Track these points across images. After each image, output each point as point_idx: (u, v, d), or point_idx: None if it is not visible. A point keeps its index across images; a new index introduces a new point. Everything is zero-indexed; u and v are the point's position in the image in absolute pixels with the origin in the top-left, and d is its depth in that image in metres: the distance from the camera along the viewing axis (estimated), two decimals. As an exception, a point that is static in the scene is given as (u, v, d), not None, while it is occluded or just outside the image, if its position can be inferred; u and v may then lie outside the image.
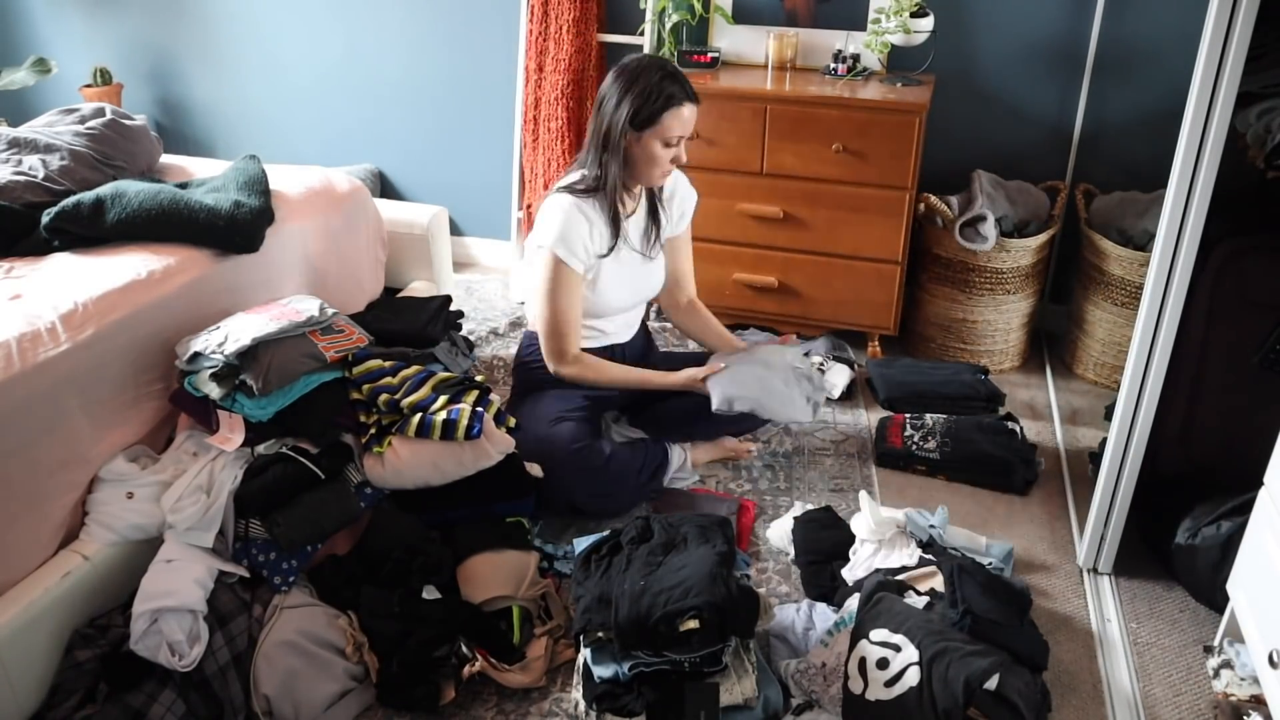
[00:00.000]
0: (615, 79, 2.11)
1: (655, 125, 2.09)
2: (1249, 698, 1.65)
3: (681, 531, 1.84)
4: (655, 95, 2.07)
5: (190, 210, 2.10)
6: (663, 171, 2.18)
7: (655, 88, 2.07)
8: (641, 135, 2.10)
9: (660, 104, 2.07)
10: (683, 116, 2.11)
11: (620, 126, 2.09)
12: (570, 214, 2.14)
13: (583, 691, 1.69)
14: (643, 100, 2.07)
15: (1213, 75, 1.61)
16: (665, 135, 2.10)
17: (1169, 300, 1.77)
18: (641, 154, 2.13)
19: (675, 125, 2.10)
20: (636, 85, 2.08)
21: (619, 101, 2.09)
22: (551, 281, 2.16)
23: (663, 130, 2.09)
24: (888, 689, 1.57)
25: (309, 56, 3.59)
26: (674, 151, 2.15)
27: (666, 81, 2.08)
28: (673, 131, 2.10)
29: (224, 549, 1.80)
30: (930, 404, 2.60)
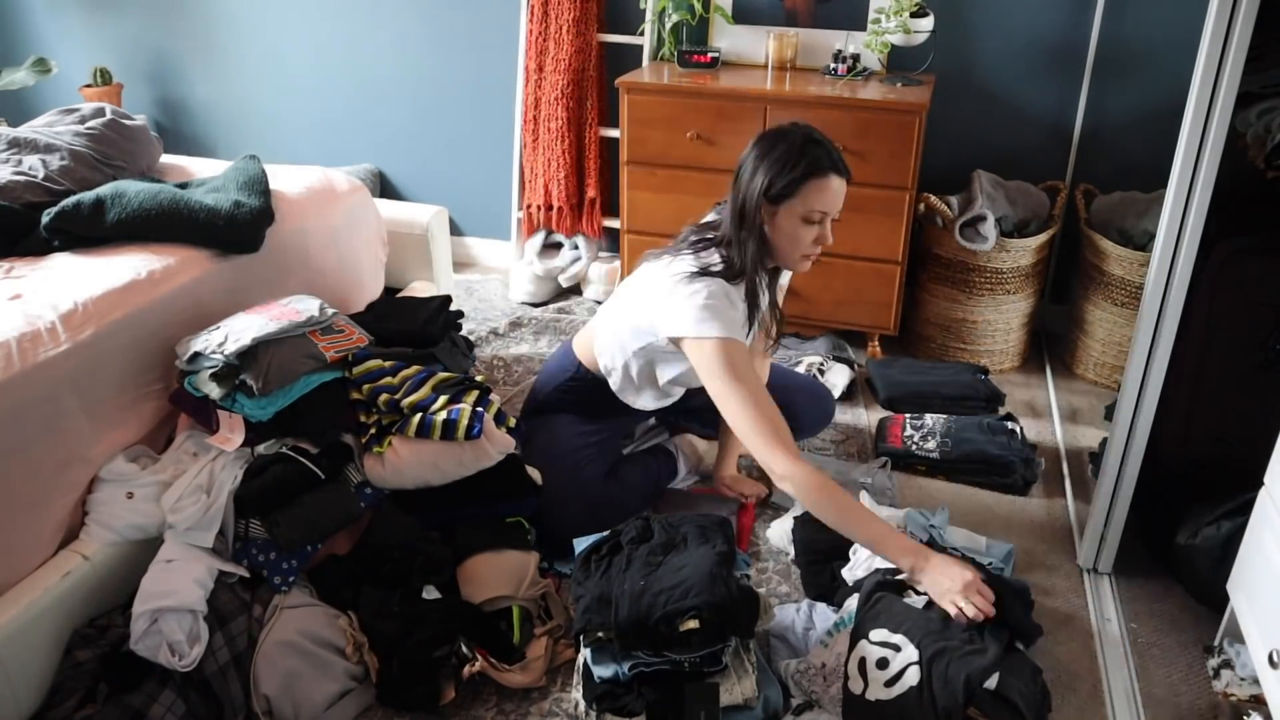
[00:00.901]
0: (754, 146, 1.89)
1: (793, 197, 1.83)
2: (1249, 698, 1.65)
3: (681, 531, 1.84)
4: (795, 163, 1.82)
5: (190, 210, 2.10)
6: (803, 254, 1.91)
7: (796, 154, 1.83)
8: (778, 209, 1.86)
9: (800, 172, 1.82)
10: (828, 189, 1.84)
11: (755, 199, 1.85)
12: (725, 299, 1.87)
13: (583, 691, 1.68)
14: (779, 168, 1.83)
15: (1213, 75, 1.61)
16: (805, 210, 1.84)
17: (1169, 300, 1.77)
18: (778, 231, 1.88)
19: (816, 198, 1.84)
20: (774, 151, 1.84)
21: (754, 170, 1.86)
22: (736, 368, 1.81)
23: (802, 203, 1.84)
24: (888, 689, 1.57)
25: (309, 56, 3.59)
26: (816, 231, 1.88)
27: (810, 147, 1.83)
28: (813, 205, 1.84)
29: (224, 549, 1.80)
30: (930, 404, 2.60)
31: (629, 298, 2.05)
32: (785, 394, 2.26)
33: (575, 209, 3.31)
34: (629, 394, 2.14)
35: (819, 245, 1.91)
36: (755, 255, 1.89)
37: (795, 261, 1.94)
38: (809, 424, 2.41)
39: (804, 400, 2.38)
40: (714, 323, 1.82)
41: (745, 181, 1.87)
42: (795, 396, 2.31)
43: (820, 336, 2.99)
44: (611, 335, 2.08)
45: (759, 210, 1.87)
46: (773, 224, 1.88)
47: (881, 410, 2.67)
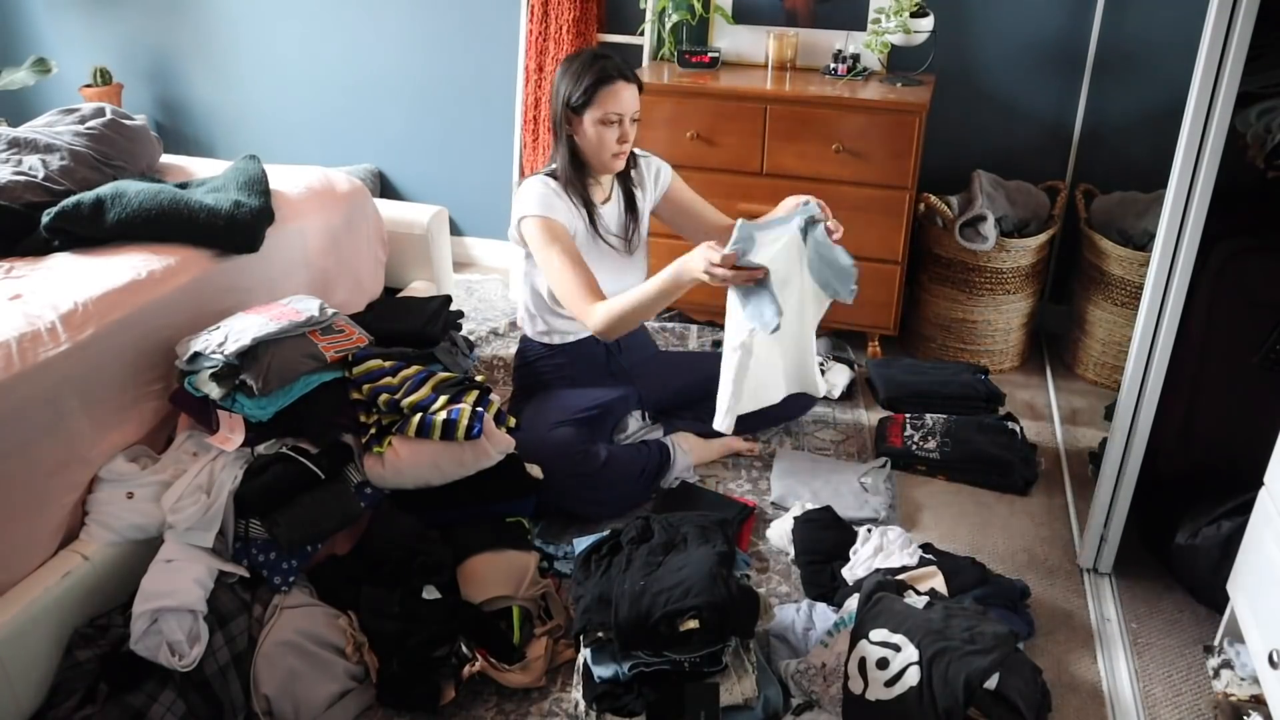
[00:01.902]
0: (558, 70, 2.17)
1: (590, 105, 2.09)
2: (1249, 698, 1.65)
3: (681, 531, 1.84)
4: (586, 73, 2.09)
5: (190, 210, 2.10)
6: (611, 153, 2.16)
7: (586, 66, 2.10)
8: (581, 117, 2.12)
9: (590, 80, 2.08)
10: (618, 95, 2.10)
11: (560, 111, 2.13)
12: (545, 189, 2.17)
13: (583, 691, 1.68)
14: (574, 80, 2.10)
15: (1213, 75, 1.61)
16: (603, 114, 2.10)
17: (1169, 300, 1.77)
18: (585, 138, 2.14)
19: (610, 102, 2.09)
20: (570, 68, 2.12)
21: (556, 87, 2.15)
22: (547, 240, 2.12)
23: (598, 109, 2.09)
24: (888, 689, 1.57)
25: (309, 56, 3.59)
26: (617, 131, 2.13)
27: (598, 59, 2.10)
28: (609, 108, 2.09)
29: (224, 549, 1.80)
30: (930, 404, 2.60)
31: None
32: None
33: (575, 209, 3.31)
34: (539, 331, 2.37)
35: (623, 144, 2.16)
36: (569, 158, 2.18)
37: (605, 162, 2.18)
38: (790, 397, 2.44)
39: None
40: (531, 204, 2.14)
41: (552, 100, 2.16)
42: None
43: (820, 336, 2.98)
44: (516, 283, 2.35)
45: (566, 122, 2.14)
46: (579, 132, 2.15)
47: (881, 410, 2.67)
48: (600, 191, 2.29)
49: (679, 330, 3.15)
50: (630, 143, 2.18)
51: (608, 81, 2.09)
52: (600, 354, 2.39)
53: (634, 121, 2.16)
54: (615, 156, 2.17)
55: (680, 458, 2.35)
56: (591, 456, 2.15)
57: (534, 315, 2.37)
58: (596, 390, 2.35)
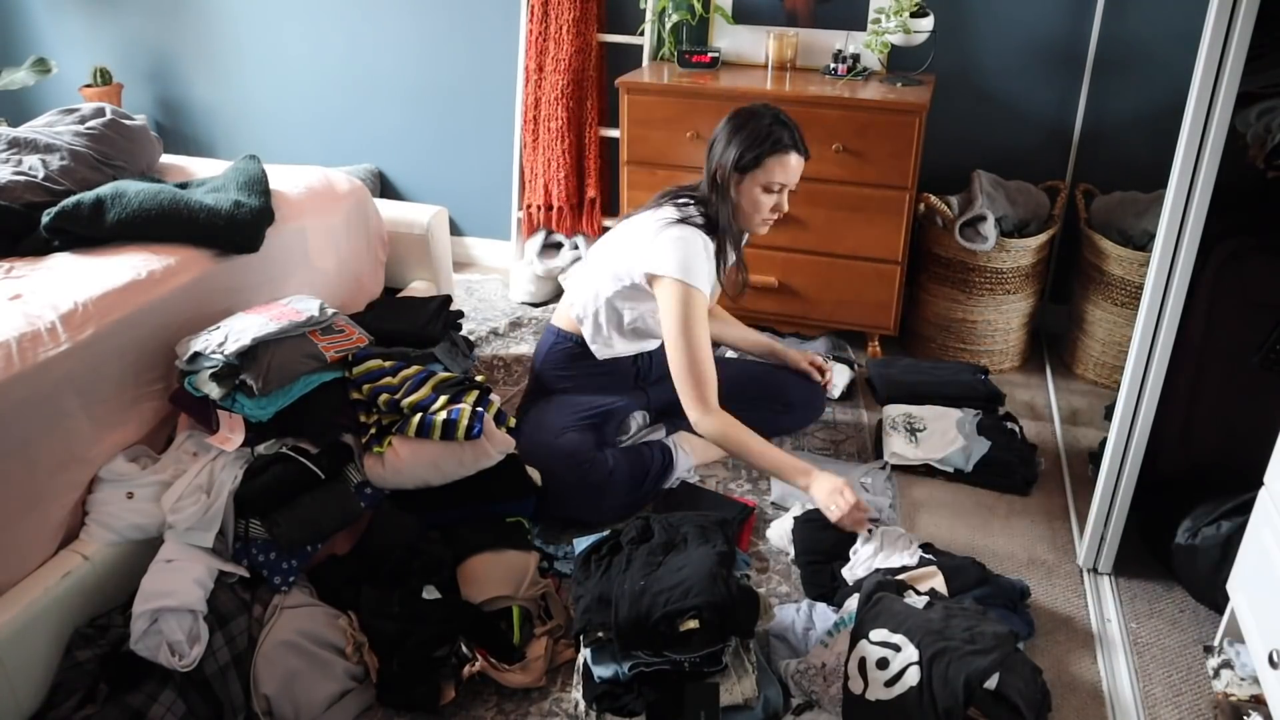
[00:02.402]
0: (727, 122, 2.14)
1: (758, 169, 2.09)
2: (1249, 698, 1.65)
3: (681, 531, 1.84)
4: (762, 139, 2.08)
5: (190, 210, 2.10)
6: (763, 219, 2.18)
7: (764, 132, 2.08)
8: (744, 178, 2.11)
9: (768, 148, 2.08)
10: (788, 164, 2.11)
11: (728, 168, 2.11)
12: (698, 248, 2.11)
13: (583, 691, 1.68)
14: (749, 143, 2.08)
15: (1213, 75, 1.61)
16: (767, 180, 2.11)
17: (1169, 300, 1.77)
18: (743, 198, 2.14)
19: (778, 171, 2.10)
20: (746, 128, 2.10)
21: (727, 143, 2.12)
22: (692, 317, 2.07)
23: (765, 175, 2.10)
24: (888, 689, 1.57)
25: (309, 56, 3.59)
26: (775, 199, 2.14)
27: (776, 127, 2.09)
28: (774, 177, 2.10)
29: (224, 549, 1.80)
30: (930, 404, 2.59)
31: (607, 249, 2.26)
32: (778, 378, 2.48)
33: (575, 209, 3.31)
34: (599, 342, 2.31)
35: (776, 213, 2.19)
36: (729, 215, 2.16)
37: (756, 225, 2.20)
38: (801, 404, 2.50)
39: (794, 385, 2.50)
40: (690, 270, 2.08)
41: (720, 151, 2.14)
42: (785, 378, 2.51)
43: (820, 336, 2.99)
44: (588, 286, 2.27)
45: (730, 178, 2.12)
46: (739, 190, 2.14)
47: (881, 410, 2.67)
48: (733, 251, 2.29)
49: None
50: (783, 212, 2.20)
51: (783, 151, 2.09)
52: (631, 375, 2.40)
53: (791, 192, 2.18)
54: (764, 223, 2.20)
55: (681, 458, 2.35)
56: (598, 465, 2.14)
57: (604, 331, 2.28)
58: (607, 395, 2.34)
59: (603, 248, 2.28)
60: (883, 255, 2.81)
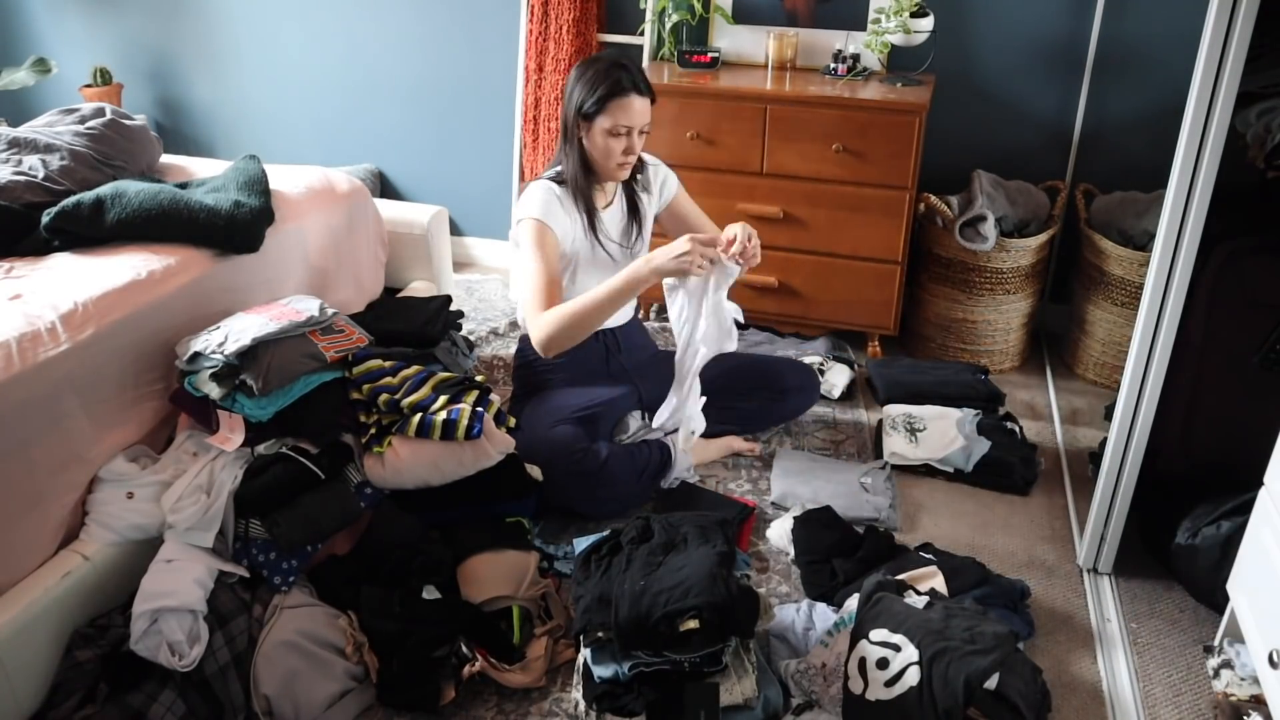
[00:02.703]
0: (571, 72, 2.18)
1: (601, 114, 2.10)
2: (1249, 698, 1.65)
3: (681, 531, 1.84)
4: (600, 83, 2.09)
5: (190, 210, 2.10)
6: (617, 163, 2.17)
7: (602, 75, 2.10)
8: (591, 125, 2.13)
9: (605, 91, 2.09)
10: (630, 107, 2.10)
11: (572, 117, 2.14)
12: (548, 194, 2.18)
13: (583, 691, 1.69)
14: (589, 89, 2.10)
15: (1213, 75, 1.61)
16: (613, 124, 2.11)
17: (1169, 300, 1.77)
18: (593, 145, 2.15)
19: (621, 115, 2.10)
20: (585, 74, 2.12)
21: (570, 91, 2.15)
22: (534, 245, 2.13)
23: (609, 119, 2.10)
24: (888, 689, 1.57)
25: (309, 56, 3.59)
26: (624, 142, 2.14)
27: (614, 70, 2.10)
28: (618, 120, 2.10)
29: (224, 549, 1.80)
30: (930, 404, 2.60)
31: None
32: (770, 364, 2.51)
33: (575, 209, 3.31)
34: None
35: (629, 155, 2.17)
36: (579, 163, 2.19)
37: (610, 170, 2.20)
38: (796, 388, 2.49)
39: (787, 370, 2.52)
40: (533, 207, 2.15)
41: (565, 103, 2.17)
42: (779, 365, 2.53)
43: (820, 336, 2.99)
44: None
45: (576, 126, 2.15)
46: (589, 138, 2.16)
47: (881, 410, 2.67)
48: (603, 196, 2.30)
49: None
50: (636, 154, 2.19)
51: (621, 94, 2.09)
52: (600, 354, 2.39)
53: (643, 134, 2.17)
54: (620, 166, 2.19)
55: (680, 457, 2.35)
56: (591, 455, 2.14)
57: None
58: (596, 389, 2.35)
59: None
60: (883, 255, 2.81)
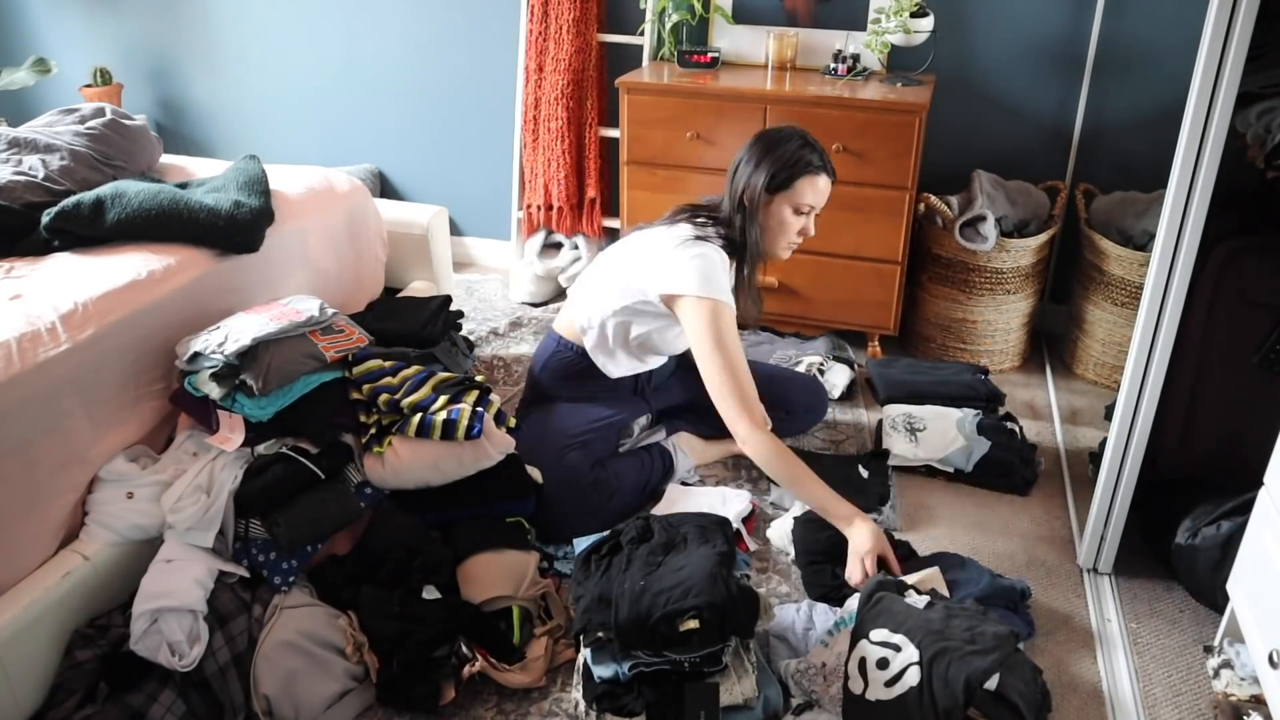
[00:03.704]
0: (754, 143, 2.13)
1: (789, 190, 2.08)
2: (1249, 698, 1.65)
3: (681, 531, 1.84)
4: (793, 160, 2.07)
5: (190, 210, 2.10)
6: (788, 242, 2.16)
7: (794, 154, 2.08)
8: (774, 199, 2.09)
9: (798, 169, 2.07)
10: (817, 185, 2.10)
11: (757, 190, 2.08)
12: (718, 264, 2.07)
13: (583, 691, 1.69)
14: (780, 164, 2.07)
15: (1213, 75, 1.61)
16: (797, 201, 2.09)
17: (1169, 300, 1.77)
18: (771, 219, 2.12)
19: (808, 192, 2.09)
20: (777, 149, 2.09)
21: (757, 164, 2.09)
22: (724, 331, 2.01)
23: (795, 195, 2.09)
24: (888, 689, 1.57)
25: (309, 57, 3.59)
26: (803, 222, 2.14)
27: (806, 150, 2.09)
28: (804, 198, 2.09)
29: (224, 549, 1.80)
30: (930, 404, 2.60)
31: (616, 262, 2.19)
32: (779, 384, 2.44)
33: (575, 209, 3.31)
34: (601, 356, 2.24)
35: (802, 236, 2.17)
36: (757, 239, 2.13)
37: (782, 248, 2.17)
38: (803, 409, 2.47)
39: (796, 388, 2.48)
40: (715, 286, 2.03)
41: (748, 173, 2.10)
42: (788, 386, 2.48)
43: (820, 336, 2.99)
44: (594, 297, 2.20)
45: (759, 199, 2.09)
46: (766, 212, 2.11)
47: (881, 410, 2.67)
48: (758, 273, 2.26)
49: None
50: (809, 236, 2.18)
51: (815, 172, 2.09)
52: (630, 386, 2.33)
53: (817, 215, 2.16)
54: (789, 246, 2.17)
55: (681, 460, 2.35)
56: (600, 489, 2.13)
57: (609, 344, 2.21)
58: (608, 407, 2.29)
59: (611, 259, 2.21)
60: (883, 255, 2.81)
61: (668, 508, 2.15)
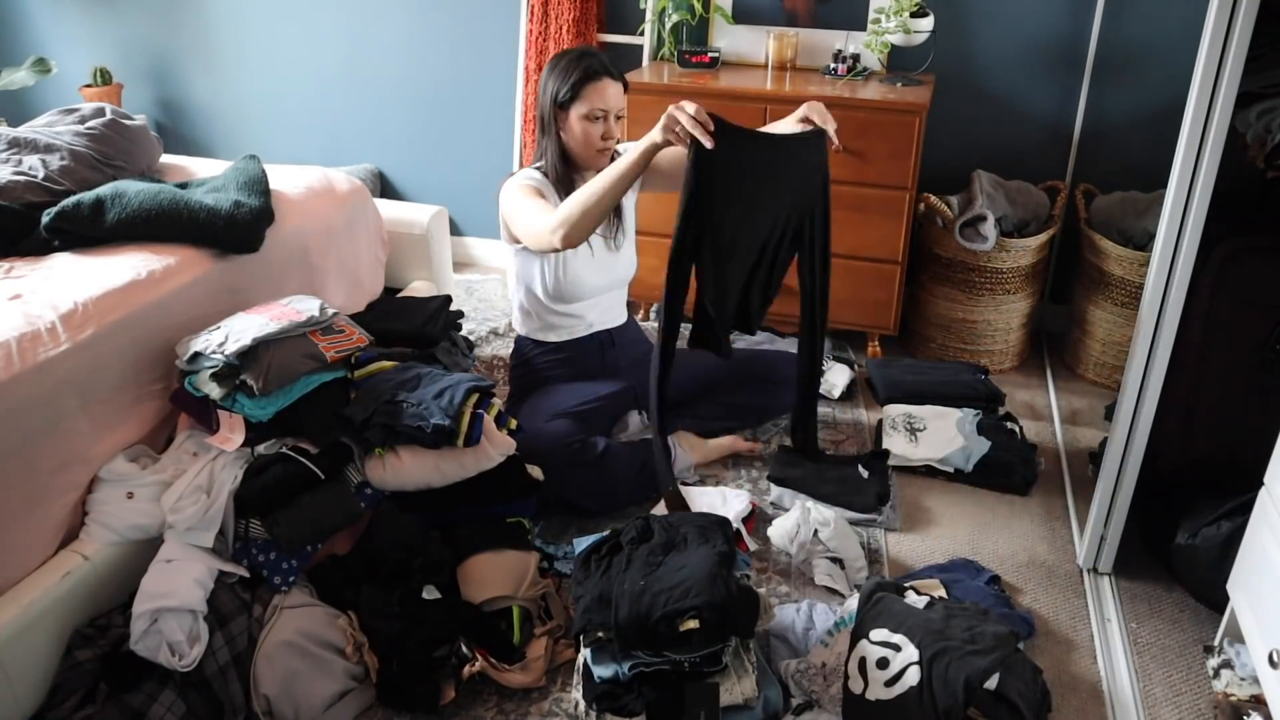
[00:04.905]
0: (546, 67, 2.22)
1: (576, 100, 2.14)
2: (1249, 698, 1.65)
3: (681, 531, 1.84)
4: (573, 70, 2.14)
5: (190, 210, 2.10)
6: (597, 149, 2.20)
7: (574, 63, 2.15)
8: (568, 113, 2.16)
9: (578, 76, 2.13)
10: (604, 91, 2.14)
11: (548, 107, 2.18)
12: (535, 177, 2.20)
13: (583, 691, 1.69)
14: (562, 77, 2.15)
15: (1213, 75, 1.61)
16: (588, 109, 2.14)
17: (1169, 300, 1.77)
18: (570, 134, 2.18)
19: (596, 98, 2.14)
20: (557, 66, 2.17)
21: (544, 84, 2.19)
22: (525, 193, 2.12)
23: (584, 104, 2.14)
24: (888, 689, 1.57)
25: (309, 57, 3.59)
26: (602, 127, 2.17)
27: (585, 57, 2.16)
28: (594, 104, 2.14)
29: (224, 549, 1.80)
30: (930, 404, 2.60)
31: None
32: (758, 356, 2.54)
33: (575, 209, 3.31)
34: (530, 325, 2.38)
35: (607, 140, 2.19)
36: (559, 154, 2.21)
37: (591, 157, 2.21)
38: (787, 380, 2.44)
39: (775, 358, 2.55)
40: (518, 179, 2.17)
41: (541, 96, 2.20)
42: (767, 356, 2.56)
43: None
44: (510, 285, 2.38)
45: (554, 118, 2.19)
46: (566, 128, 2.19)
47: (881, 410, 2.67)
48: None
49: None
50: (614, 138, 2.21)
51: (594, 78, 2.14)
52: (595, 351, 2.40)
53: (619, 118, 2.20)
54: (600, 152, 2.20)
55: (681, 456, 2.35)
56: (589, 446, 2.17)
57: (529, 313, 2.37)
58: (592, 385, 2.36)
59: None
60: (883, 255, 2.81)
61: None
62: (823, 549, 2.04)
